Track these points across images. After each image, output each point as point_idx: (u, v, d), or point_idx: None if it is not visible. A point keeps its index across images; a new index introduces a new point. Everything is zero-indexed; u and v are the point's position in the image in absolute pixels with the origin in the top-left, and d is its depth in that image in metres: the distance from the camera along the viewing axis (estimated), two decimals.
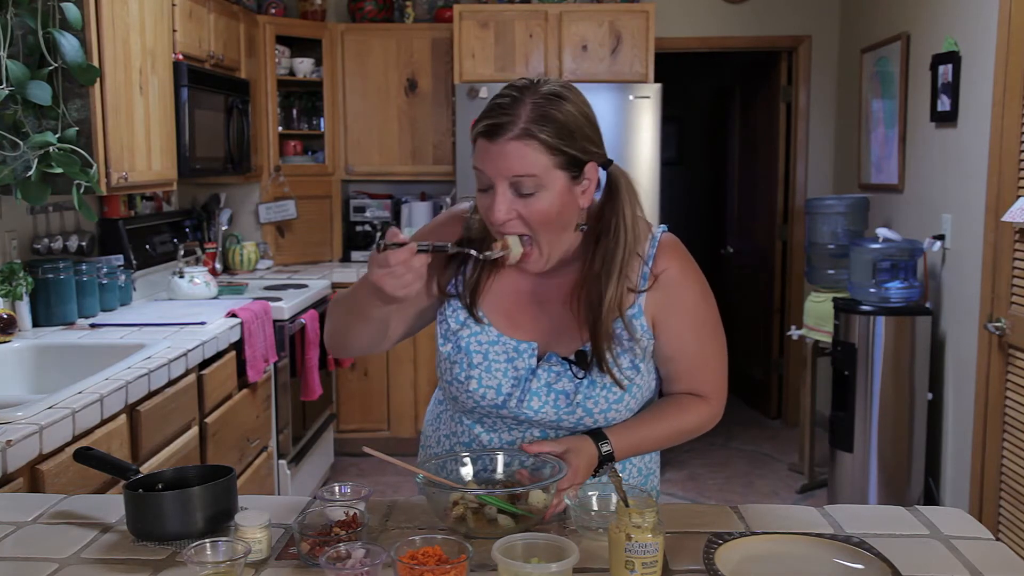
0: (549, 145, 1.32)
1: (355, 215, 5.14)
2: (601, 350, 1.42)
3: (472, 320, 1.49)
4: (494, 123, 1.33)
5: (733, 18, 5.14)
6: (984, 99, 3.30)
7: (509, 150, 1.32)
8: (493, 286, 1.50)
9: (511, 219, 1.35)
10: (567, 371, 1.44)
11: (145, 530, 1.30)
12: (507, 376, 1.46)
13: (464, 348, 1.48)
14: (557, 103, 1.34)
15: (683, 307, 1.48)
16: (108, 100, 2.78)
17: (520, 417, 1.47)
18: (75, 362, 2.65)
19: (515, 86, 1.37)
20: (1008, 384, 3.07)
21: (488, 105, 1.37)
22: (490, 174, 1.35)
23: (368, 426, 4.76)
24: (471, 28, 4.57)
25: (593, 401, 1.44)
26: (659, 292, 1.46)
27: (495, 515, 1.30)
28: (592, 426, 1.46)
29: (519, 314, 1.49)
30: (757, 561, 1.22)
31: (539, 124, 1.32)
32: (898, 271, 3.73)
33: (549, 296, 1.49)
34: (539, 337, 1.47)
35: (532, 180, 1.33)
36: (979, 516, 3.19)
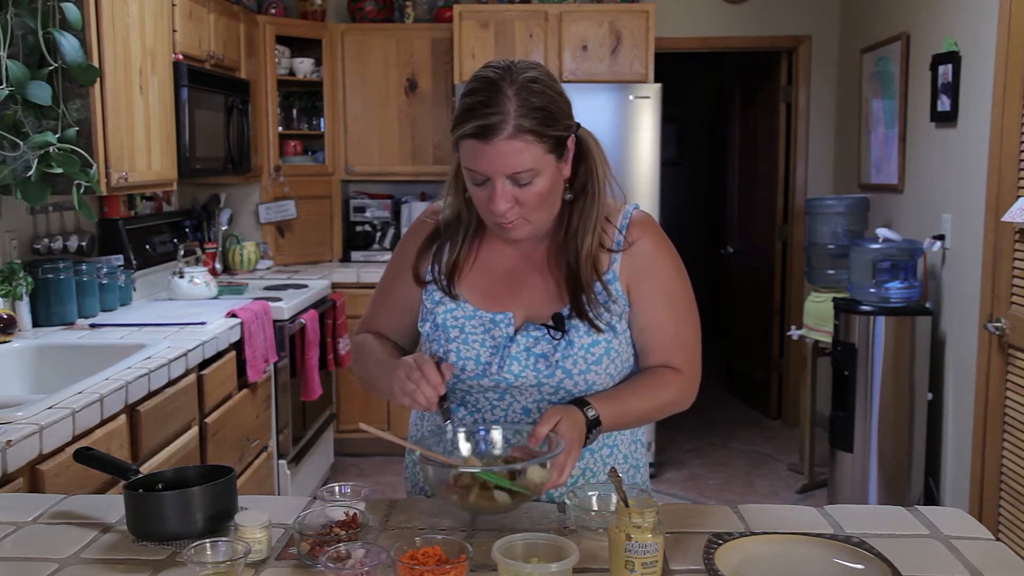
0: (540, 135, 1.35)
1: (355, 215, 5.14)
2: (580, 299, 1.46)
3: (448, 298, 1.52)
4: (485, 124, 1.33)
5: (733, 18, 5.14)
6: (984, 99, 3.30)
7: (505, 149, 1.33)
8: (471, 266, 1.54)
9: (511, 207, 1.39)
10: (545, 335, 1.46)
11: (145, 530, 1.30)
12: (485, 346, 1.48)
13: (441, 324, 1.50)
14: (536, 90, 1.36)
15: (657, 278, 1.51)
16: (108, 100, 2.78)
17: (501, 385, 1.47)
18: (75, 362, 2.65)
19: (489, 78, 1.36)
20: (1008, 384, 3.07)
21: (468, 102, 1.36)
22: (487, 173, 1.36)
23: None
24: (471, 28, 4.58)
25: (572, 361, 1.45)
26: (633, 260, 1.50)
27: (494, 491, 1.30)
28: (572, 388, 1.46)
29: (496, 289, 1.52)
30: (757, 561, 1.22)
31: (528, 117, 1.34)
32: (898, 271, 3.73)
33: (526, 270, 1.53)
34: (517, 309, 1.50)
35: (528, 172, 1.36)
36: (979, 516, 3.19)
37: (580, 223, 1.47)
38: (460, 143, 1.38)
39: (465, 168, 1.39)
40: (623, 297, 1.50)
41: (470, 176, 1.39)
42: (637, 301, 1.50)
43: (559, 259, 1.49)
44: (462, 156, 1.39)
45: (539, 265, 1.52)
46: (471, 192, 1.43)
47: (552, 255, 1.51)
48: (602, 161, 1.49)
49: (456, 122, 1.38)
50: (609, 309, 1.48)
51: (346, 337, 4.42)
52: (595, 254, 1.47)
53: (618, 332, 1.49)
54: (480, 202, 1.42)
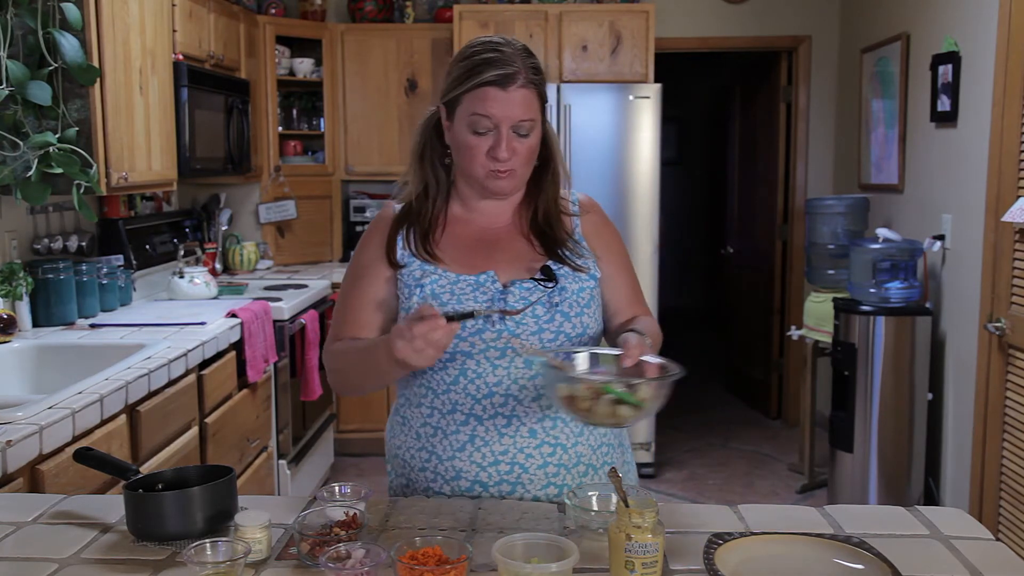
0: (540, 91, 1.52)
1: (355, 215, 5.14)
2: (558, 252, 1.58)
3: (429, 268, 1.56)
4: (505, 73, 1.47)
5: (733, 18, 5.14)
6: (984, 99, 3.30)
7: (519, 98, 1.48)
8: (442, 239, 1.60)
9: (510, 157, 1.50)
10: (536, 286, 1.55)
11: (145, 530, 1.30)
12: (479, 303, 1.53)
13: (430, 293, 1.53)
14: (534, 57, 1.53)
15: (612, 242, 1.69)
16: (108, 100, 2.78)
17: (503, 336, 1.50)
18: (75, 362, 2.65)
19: (493, 41, 1.52)
20: (1008, 384, 3.07)
21: (481, 58, 1.49)
22: (498, 119, 1.48)
23: (368, 426, 4.75)
24: (471, 28, 4.57)
25: (568, 304, 1.55)
26: (590, 226, 1.66)
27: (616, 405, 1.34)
28: (571, 332, 1.54)
29: (470, 256, 1.59)
30: (757, 561, 1.22)
31: (534, 73, 1.51)
32: (898, 271, 3.73)
33: (495, 235, 1.62)
34: (496, 269, 1.56)
35: (530, 123, 1.50)
36: (979, 516, 3.19)
37: (545, 188, 1.62)
38: (466, 96, 1.49)
39: (472, 116, 1.48)
40: (591, 254, 1.63)
41: (475, 124, 1.49)
42: (602, 260, 1.64)
43: (526, 224, 1.63)
44: (472, 105, 1.48)
45: (506, 229, 1.63)
46: (468, 143, 1.51)
47: (517, 221, 1.63)
48: (556, 140, 1.64)
49: (466, 76, 1.49)
50: (584, 257, 1.61)
51: None
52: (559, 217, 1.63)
53: (597, 281, 1.61)
54: (476, 152, 1.50)
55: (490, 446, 1.52)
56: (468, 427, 1.53)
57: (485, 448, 1.52)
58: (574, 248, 1.61)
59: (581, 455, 1.57)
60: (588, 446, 1.58)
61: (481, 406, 1.52)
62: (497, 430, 1.52)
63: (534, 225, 1.62)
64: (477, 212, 1.62)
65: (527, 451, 1.52)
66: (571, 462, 1.55)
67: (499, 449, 1.52)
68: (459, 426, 1.53)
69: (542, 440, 1.53)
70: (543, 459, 1.53)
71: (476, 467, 1.53)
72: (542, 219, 1.62)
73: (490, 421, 1.52)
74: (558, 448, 1.54)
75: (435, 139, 1.61)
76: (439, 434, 1.55)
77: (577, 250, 1.61)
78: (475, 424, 1.52)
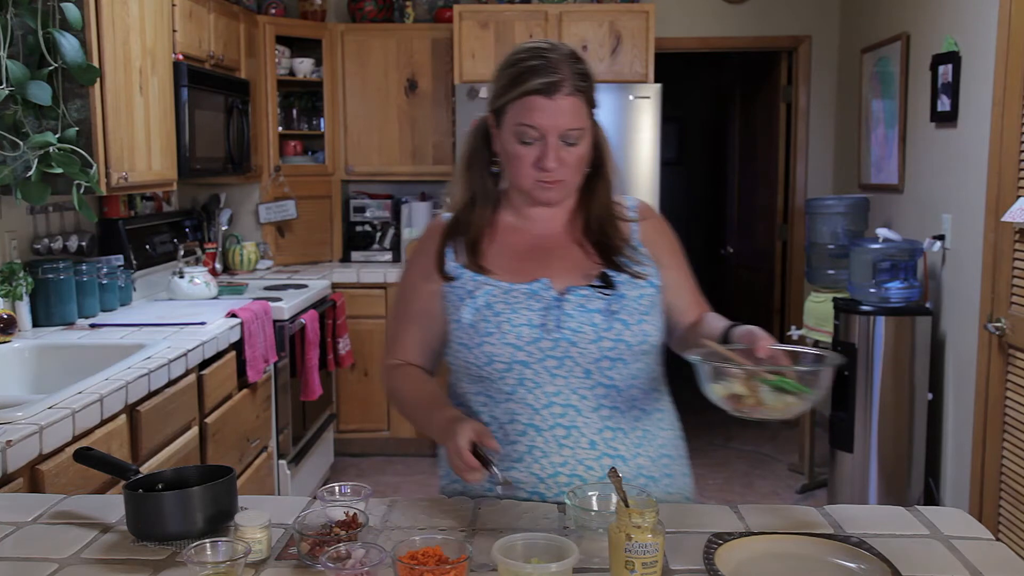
0: (589, 98, 1.49)
1: (355, 215, 5.14)
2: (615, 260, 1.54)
3: (481, 278, 1.54)
4: (550, 81, 1.44)
5: (733, 18, 5.14)
6: (984, 99, 3.30)
7: (566, 106, 1.45)
8: (492, 249, 1.57)
9: (558, 167, 1.47)
10: (594, 293, 1.51)
11: (145, 530, 1.30)
12: (534, 311, 1.49)
13: (484, 304, 1.51)
14: (580, 59, 1.49)
15: (671, 246, 1.65)
16: (108, 100, 2.78)
17: (560, 346, 1.47)
18: (75, 362, 2.64)
19: (539, 47, 1.49)
20: (1008, 384, 3.07)
21: (525, 66, 1.46)
22: (545, 129, 1.45)
23: (368, 426, 4.76)
24: (471, 28, 4.57)
25: (627, 312, 1.50)
26: (648, 232, 1.62)
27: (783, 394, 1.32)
28: (631, 340, 1.50)
29: (522, 264, 1.56)
30: (757, 561, 1.22)
31: (582, 80, 1.47)
32: (898, 271, 3.73)
33: (547, 243, 1.58)
34: (551, 277, 1.53)
35: (578, 132, 1.47)
36: (979, 516, 3.19)
37: (598, 195, 1.58)
38: (511, 105, 1.47)
39: (518, 126, 1.46)
40: (651, 261, 1.59)
41: (521, 134, 1.46)
42: (664, 267, 1.60)
43: (579, 231, 1.58)
44: (517, 115, 1.46)
45: (559, 237, 1.59)
46: (515, 153, 1.49)
47: (570, 228, 1.59)
48: (607, 144, 1.59)
49: (511, 84, 1.47)
50: (644, 265, 1.56)
51: (346, 337, 4.42)
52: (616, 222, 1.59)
53: (658, 289, 1.57)
54: (523, 162, 1.48)
55: (549, 457, 1.49)
56: (527, 438, 1.50)
57: (544, 460, 1.49)
58: (632, 255, 1.56)
59: (641, 467, 1.54)
60: (648, 457, 1.55)
61: (540, 416, 1.49)
62: (556, 441, 1.49)
63: (588, 232, 1.58)
64: (529, 220, 1.59)
65: (587, 463, 1.49)
66: (631, 474, 1.52)
67: (558, 461, 1.49)
68: (518, 436, 1.50)
69: (602, 452, 1.50)
70: (603, 471, 1.49)
71: (535, 478, 1.50)
72: (596, 226, 1.58)
73: (549, 432, 1.49)
74: (618, 460, 1.50)
75: (483, 147, 1.58)
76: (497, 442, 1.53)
77: (635, 257, 1.57)
78: (534, 435, 1.49)
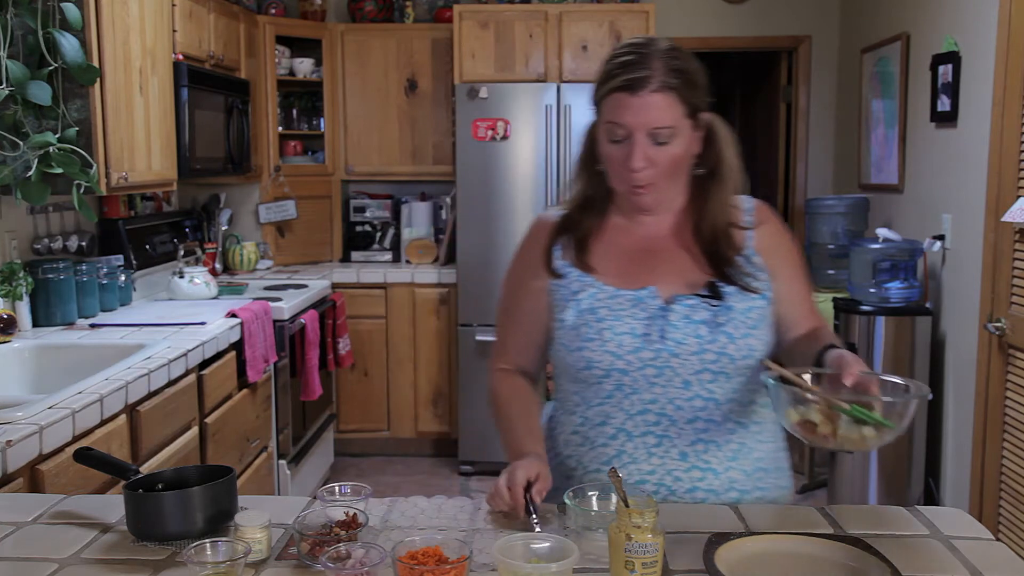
0: (682, 96, 1.43)
1: (355, 215, 5.14)
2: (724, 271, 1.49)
3: (588, 280, 1.52)
4: (635, 77, 1.40)
5: (733, 18, 5.14)
6: (984, 99, 3.30)
7: (651, 103, 1.41)
8: (600, 249, 1.55)
9: (646, 167, 1.43)
10: (701, 303, 1.47)
11: (145, 530, 1.30)
12: (638, 319, 1.47)
13: (587, 308, 1.49)
14: (678, 55, 1.45)
15: (788, 255, 1.58)
16: (108, 100, 2.78)
17: (661, 356, 1.45)
18: (75, 362, 2.64)
19: (633, 43, 1.46)
20: (1008, 384, 3.07)
21: (615, 63, 1.44)
22: (630, 126, 1.42)
23: (368, 426, 4.76)
24: (471, 28, 4.57)
25: (734, 325, 1.46)
26: (765, 238, 1.56)
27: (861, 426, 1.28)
28: (735, 354, 1.46)
29: (630, 268, 1.53)
30: (757, 561, 1.22)
31: (673, 77, 1.42)
32: (898, 271, 3.73)
33: (656, 248, 1.54)
34: (658, 283, 1.50)
35: (668, 130, 1.42)
36: (979, 516, 3.19)
37: (712, 200, 1.53)
38: (604, 101, 1.45)
39: (607, 124, 1.44)
40: (764, 271, 1.53)
41: (610, 132, 1.44)
42: (777, 276, 1.54)
43: (690, 236, 1.54)
44: (606, 112, 1.44)
45: (667, 242, 1.55)
46: (607, 153, 1.47)
47: (680, 232, 1.55)
48: (730, 145, 1.53)
49: (602, 81, 1.45)
50: (756, 278, 1.51)
51: (346, 337, 4.42)
52: (729, 230, 1.53)
53: (768, 300, 1.52)
54: (615, 162, 1.46)
55: (637, 464, 1.48)
56: (617, 442, 1.49)
57: (632, 465, 1.48)
58: (744, 267, 1.50)
59: (734, 481, 1.50)
60: (742, 471, 1.51)
61: (633, 422, 1.48)
62: (646, 449, 1.48)
63: (699, 238, 1.53)
64: (636, 221, 1.55)
65: (675, 473, 1.48)
66: (722, 488, 1.49)
67: (646, 468, 1.48)
68: (608, 439, 1.50)
69: (692, 464, 1.48)
70: (692, 483, 1.47)
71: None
72: (708, 233, 1.52)
73: (640, 439, 1.48)
74: (709, 473, 1.48)
75: (593, 146, 1.54)
76: (587, 444, 1.52)
77: (747, 268, 1.51)
78: (624, 440, 1.49)
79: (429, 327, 4.72)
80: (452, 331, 4.66)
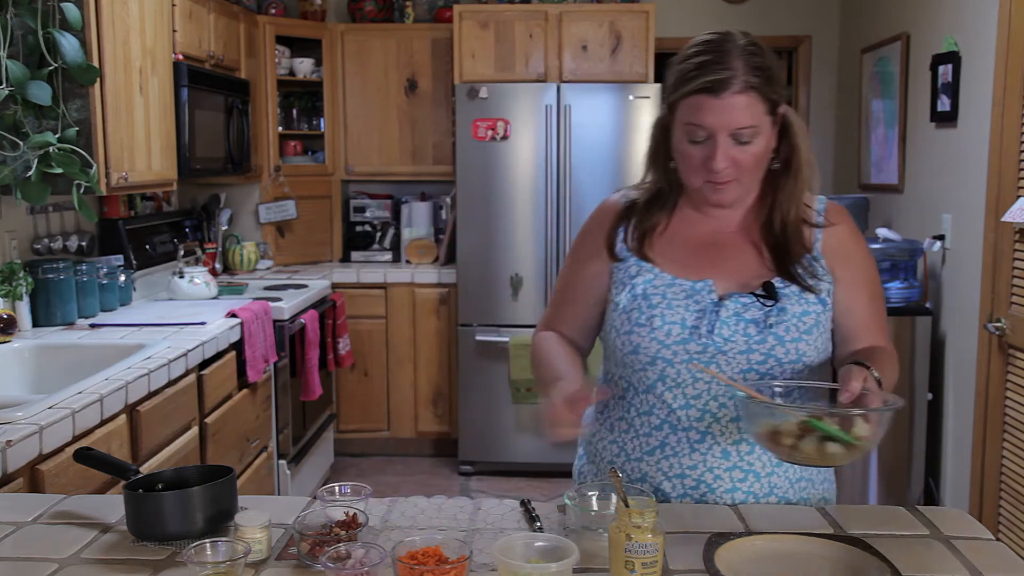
0: (764, 95, 1.39)
1: (355, 215, 5.14)
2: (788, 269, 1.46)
3: (645, 267, 1.51)
4: (717, 79, 1.36)
5: (733, 18, 5.14)
6: (984, 99, 3.30)
7: (734, 104, 1.37)
8: (662, 239, 1.53)
9: (728, 167, 1.40)
10: (755, 302, 1.45)
11: (145, 530, 1.30)
12: (689, 311, 1.45)
13: (641, 293, 1.48)
14: (758, 51, 1.40)
15: (858, 262, 1.53)
16: (108, 100, 2.78)
17: (708, 351, 1.44)
18: (75, 362, 2.64)
19: (712, 40, 1.41)
20: (1008, 384, 3.07)
21: (694, 62, 1.39)
22: (713, 128, 1.38)
23: (368, 426, 4.76)
24: (471, 28, 4.57)
25: (784, 327, 1.44)
26: (834, 241, 1.52)
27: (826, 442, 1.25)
28: (783, 357, 1.43)
29: (692, 259, 1.51)
30: (757, 561, 1.22)
31: (755, 76, 1.38)
32: (898, 271, 3.73)
33: (721, 241, 1.52)
34: (716, 278, 1.48)
35: (751, 130, 1.39)
36: (979, 516, 3.19)
37: (784, 194, 1.49)
38: (681, 103, 1.41)
39: (687, 125, 1.41)
40: (828, 275, 1.49)
41: (690, 133, 1.41)
42: (840, 282, 1.50)
43: (758, 231, 1.51)
44: (685, 114, 1.41)
45: (734, 236, 1.52)
46: (685, 152, 1.43)
47: (748, 227, 1.52)
48: (804, 137, 1.49)
49: (680, 81, 1.41)
50: (819, 279, 1.48)
51: (346, 337, 4.42)
52: (799, 226, 1.50)
53: (827, 306, 1.48)
54: (694, 162, 1.42)
55: (679, 457, 1.47)
56: (661, 433, 1.48)
57: (674, 458, 1.48)
58: (809, 266, 1.47)
59: (775, 486, 1.49)
60: (786, 478, 1.50)
61: (677, 416, 1.47)
62: (689, 443, 1.47)
63: (767, 234, 1.50)
64: (706, 214, 1.53)
65: (716, 471, 1.47)
66: (762, 491, 1.48)
67: (687, 463, 1.47)
68: (652, 429, 1.49)
69: (734, 463, 1.47)
70: (732, 483, 1.47)
71: (661, 475, 1.49)
72: (778, 228, 1.49)
73: (683, 432, 1.47)
74: (750, 475, 1.47)
75: (663, 142, 1.52)
76: (632, 431, 1.52)
77: (812, 268, 1.47)
78: (668, 432, 1.48)
79: (429, 327, 4.72)
80: (452, 331, 4.66)
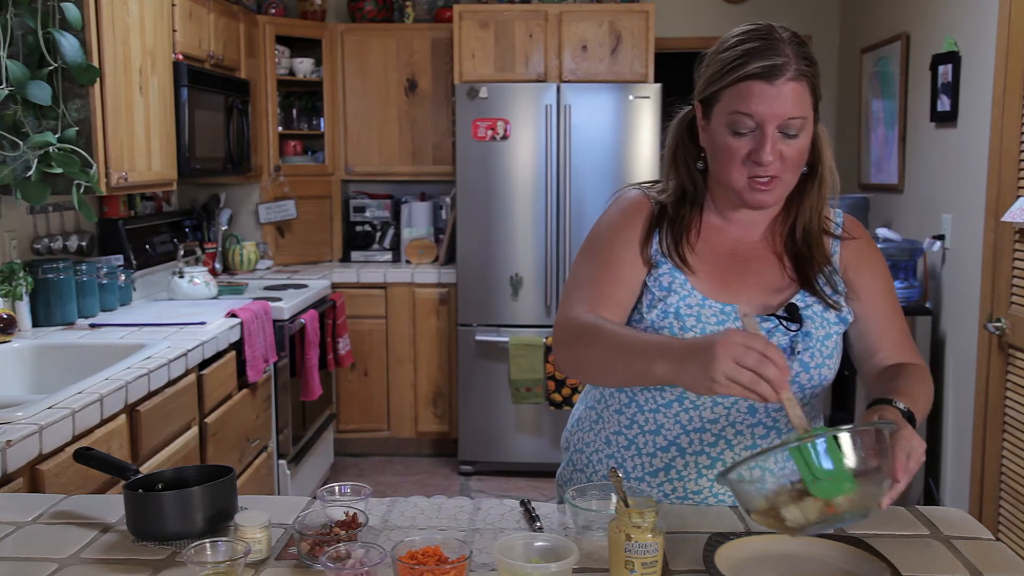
0: (813, 86, 1.34)
1: (355, 215, 5.14)
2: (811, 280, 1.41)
3: (678, 284, 1.42)
4: (773, 64, 1.30)
5: (733, 18, 5.13)
6: (984, 99, 3.30)
7: (788, 92, 1.30)
8: (695, 245, 1.45)
9: (775, 161, 1.33)
10: (778, 326, 1.40)
11: (145, 530, 1.30)
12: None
13: (674, 312, 1.40)
14: (805, 44, 1.35)
15: (877, 273, 1.48)
16: (108, 100, 2.78)
17: None
18: (75, 362, 2.65)
19: (759, 28, 1.35)
20: (1008, 384, 3.07)
21: (738, 51, 1.33)
22: (763, 117, 1.30)
23: (368, 426, 4.76)
24: (471, 28, 4.57)
25: (810, 354, 1.40)
26: (852, 253, 1.47)
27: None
28: (806, 383, 1.39)
29: (723, 273, 1.44)
30: (757, 561, 1.22)
31: (806, 65, 1.32)
32: (898, 271, 3.73)
33: (748, 251, 1.46)
34: (744, 297, 1.42)
35: (800, 121, 1.32)
36: (979, 516, 3.19)
37: (809, 202, 1.44)
38: (724, 92, 1.33)
39: (732, 115, 1.32)
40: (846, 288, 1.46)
41: (735, 124, 1.33)
42: (861, 295, 1.46)
43: (780, 240, 1.46)
44: (730, 102, 1.33)
45: (756, 246, 1.47)
46: (725, 147, 1.34)
47: (771, 236, 1.47)
48: (828, 143, 1.44)
49: (726, 70, 1.33)
50: (838, 291, 1.44)
51: (346, 337, 4.42)
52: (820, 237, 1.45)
53: (846, 324, 1.44)
54: (734, 157, 1.34)
55: (684, 482, 1.43)
56: (668, 454, 1.43)
57: (678, 482, 1.43)
58: (830, 278, 1.43)
59: None
60: None
61: (689, 438, 1.42)
62: (698, 468, 1.42)
63: (790, 243, 1.45)
64: (730, 221, 1.46)
65: (721, 496, 1.44)
66: None
67: (693, 488, 1.43)
68: (657, 450, 1.44)
69: None
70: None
71: (662, 495, 1.45)
72: (800, 236, 1.44)
73: (692, 456, 1.42)
74: None
75: (688, 140, 1.46)
76: (633, 448, 1.46)
77: (832, 281, 1.43)
78: (676, 454, 1.43)
79: (429, 327, 4.72)
80: (452, 331, 4.66)
